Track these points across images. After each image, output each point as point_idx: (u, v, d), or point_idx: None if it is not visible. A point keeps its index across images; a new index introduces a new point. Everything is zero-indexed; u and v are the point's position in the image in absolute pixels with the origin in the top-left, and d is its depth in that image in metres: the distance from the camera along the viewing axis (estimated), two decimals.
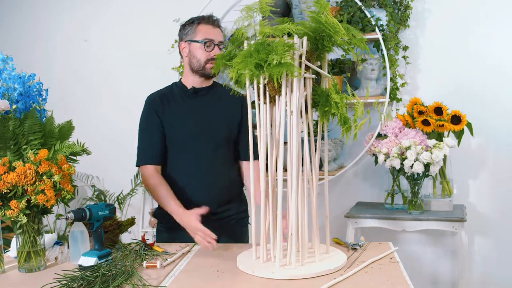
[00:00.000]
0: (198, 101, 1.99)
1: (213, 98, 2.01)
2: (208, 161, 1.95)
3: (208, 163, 1.95)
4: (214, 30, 1.96)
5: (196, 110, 1.98)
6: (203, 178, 1.94)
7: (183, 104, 1.99)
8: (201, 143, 1.95)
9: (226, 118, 1.99)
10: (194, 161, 1.95)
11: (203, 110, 1.98)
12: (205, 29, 1.95)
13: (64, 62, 3.69)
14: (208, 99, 2.00)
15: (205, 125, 1.96)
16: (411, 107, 2.78)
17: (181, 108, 1.98)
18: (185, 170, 1.95)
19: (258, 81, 1.45)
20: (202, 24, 1.96)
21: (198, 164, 1.95)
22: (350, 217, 2.72)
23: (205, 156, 1.95)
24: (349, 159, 3.12)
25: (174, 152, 1.98)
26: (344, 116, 1.45)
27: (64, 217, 1.53)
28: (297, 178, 1.45)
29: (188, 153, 1.95)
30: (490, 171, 2.96)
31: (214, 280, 1.42)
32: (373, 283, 1.34)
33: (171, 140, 1.97)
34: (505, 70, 2.89)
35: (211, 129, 1.96)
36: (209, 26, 1.96)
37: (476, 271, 3.00)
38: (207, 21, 1.97)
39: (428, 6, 3.00)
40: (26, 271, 1.56)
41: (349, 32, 1.46)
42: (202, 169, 1.94)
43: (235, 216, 2.01)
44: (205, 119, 1.97)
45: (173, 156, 1.98)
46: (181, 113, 1.98)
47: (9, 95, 1.64)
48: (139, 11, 3.52)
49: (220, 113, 1.99)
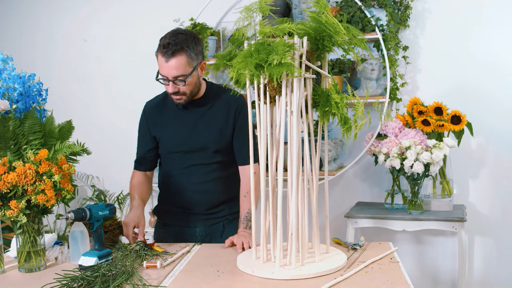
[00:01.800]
0: (189, 113, 1.93)
1: (204, 110, 1.92)
2: (198, 169, 1.94)
3: (199, 171, 1.94)
4: (167, 64, 1.74)
5: (187, 122, 1.92)
6: (194, 185, 1.95)
7: (174, 116, 1.95)
8: (191, 154, 1.93)
9: (218, 128, 1.91)
10: (185, 169, 1.95)
11: (194, 122, 1.92)
12: (159, 62, 1.77)
13: (64, 62, 3.68)
14: (199, 111, 1.92)
15: (195, 137, 1.91)
16: (411, 107, 2.78)
17: (172, 120, 1.95)
18: (177, 176, 1.97)
19: (258, 81, 1.45)
20: (158, 53, 1.76)
21: (188, 172, 1.95)
22: (350, 217, 2.72)
23: (195, 165, 1.94)
24: (349, 159, 3.12)
25: (166, 159, 2.01)
26: (344, 116, 1.45)
27: (64, 217, 1.53)
28: (297, 178, 1.45)
29: (178, 162, 1.96)
30: (490, 171, 2.96)
31: (214, 280, 1.42)
32: (373, 283, 1.34)
33: (163, 149, 1.99)
34: (505, 70, 2.89)
35: (201, 141, 1.91)
36: (162, 59, 1.75)
37: (476, 271, 3.00)
38: (160, 51, 1.75)
39: (428, 6, 3.00)
40: (26, 271, 1.56)
41: (350, 32, 1.46)
42: (193, 177, 1.94)
43: (228, 217, 2.00)
44: (195, 131, 1.91)
45: (166, 161, 2.01)
46: (171, 124, 1.94)
47: (9, 95, 1.64)
48: (139, 11, 3.52)
49: (211, 124, 1.91)
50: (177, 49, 1.72)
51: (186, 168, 1.94)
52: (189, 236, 1.97)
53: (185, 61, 1.75)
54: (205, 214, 1.97)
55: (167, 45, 1.73)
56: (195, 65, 1.79)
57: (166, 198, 2.05)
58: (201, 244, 1.82)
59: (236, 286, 1.36)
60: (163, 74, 1.77)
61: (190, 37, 1.78)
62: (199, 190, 1.94)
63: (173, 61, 1.73)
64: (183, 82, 1.78)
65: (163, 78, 1.78)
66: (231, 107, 1.92)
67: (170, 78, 1.76)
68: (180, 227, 1.99)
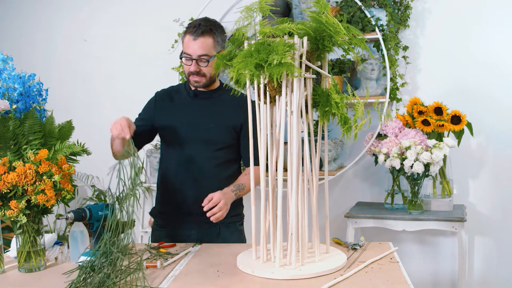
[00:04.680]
0: (197, 104, 1.98)
1: (214, 102, 1.98)
2: (198, 165, 1.95)
3: (199, 167, 1.95)
4: (194, 42, 1.84)
5: (193, 112, 1.97)
6: (193, 182, 1.95)
7: (183, 105, 2.00)
8: (192, 144, 1.94)
9: (225, 123, 1.95)
10: (184, 164, 1.96)
11: (201, 113, 1.97)
12: (186, 41, 1.87)
13: (64, 62, 3.68)
14: (208, 103, 1.98)
15: (200, 128, 1.94)
16: (411, 107, 2.78)
17: (182, 106, 1.99)
18: (176, 172, 1.98)
19: (258, 81, 1.45)
20: (186, 34, 1.87)
21: (188, 167, 1.95)
22: (350, 217, 2.72)
23: (195, 159, 1.95)
24: (349, 159, 3.12)
25: (167, 154, 2.02)
26: (344, 116, 1.45)
27: (64, 217, 1.54)
28: (297, 178, 1.45)
29: (179, 155, 1.97)
30: (490, 171, 2.96)
31: (214, 280, 1.42)
32: (373, 283, 1.34)
33: (163, 136, 2.02)
34: (505, 70, 2.89)
35: (204, 132, 1.94)
36: (190, 37, 1.85)
37: (476, 271, 3.00)
38: (189, 31, 1.86)
39: (428, 6, 3.00)
40: (26, 271, 1.56)
41: (350, 32, 1.46)
42: (192, 173, 1.95)
43: (225, 220, 1.96)
44: (201, 122, 1.95)
45: (167, 156, 2.02)
46: (181, 110, 1.99)
47: (9, 95, 1.64)
48: (139, 11, 3.52)
49: (218, 117, 1.95)
50: (206, 30, 1.85)
51: (186, 163, 1.95)
52: (185, 238, 1.95)
53: (211, 42, 1.86)
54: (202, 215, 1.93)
55: (197, 25, 1.85)
56: (219, 50, 1.87)
57: (165, 197, 2.04)
58: (201, 244, 1.82)
59: (236, 286, 1.37)
60: (188, 53, 1.86)
61: (218, 25, 1.92)
62: (197, 187, 1.93)
63: (201, 40, 1.84)
64: (206, 62, 1.86)
65: (187, 57, 1.87)
66: (243, 105, 1.91)
67: (194, 56, 1.85)
68: (176, 229, 1.98)
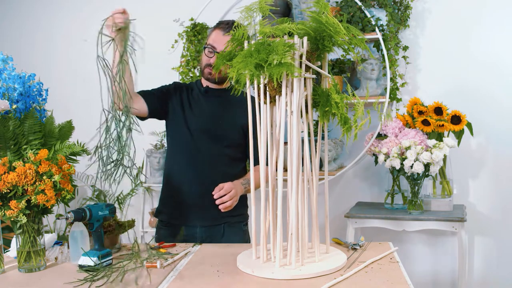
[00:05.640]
0: (207, 101, 2.04)
1: (224, 100, 2.03)
2: (205, 159, 1.99)
3: (205, 161, 1.99)
4: (223, 37, 1.92)
5: (204, 107, 2.03)
6: (198, 176, 1.98)
7: (194, 100, 2.05)
8: (201, 138, 1.99)
9: (234, 121, 2.00)
10: (191, 157, 1.99)
11: (211, 109, 2.02)
12: (214, 35, 1.97)
13: (64, 62, 3.68)
14: (218, 101, 2.04)
15: (210, 123, 2.00)
16: (411, 107, 2.78)
17: (192, 102, 2.05)
18: (182, 166, 2.01)
19: (258, 81, 1.45)
20: (216, 29, 1.97)
21: (194, 161, 1.99)
22: (350, 217, 2.72)
23: (202, 153, 1.99)
24: (349, 159, 3.12)
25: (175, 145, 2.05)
26: (344, 116, 1.45)
27: (64, 217, 1.53)
28: (297, 178, 1.45)
29: (186, 145, 2.01)
30: (490, 171, 2.96)
31: (214, 280, 1.42)
32: (373, 283, 1.34)
33: (170, 129, 2.06)
34: (505, 70, 2.89)
35: (214, 127, 2.00)
36: (220, 32, 1.95)
37: (476, 271, 3.00)
38: (221, 26, 1.96)
39: (428, 6, 3.01)
40: (26, 271, 1.56)
41: (350, 32, 1.46)
42: (198, 166, 1.99)
43: (230, 220, 2.00)
44: (211, 117, 2.01)
45: (174, 149, 2.05)
46: (195, 101, 2.04)
47: (9, 95, 1.64)
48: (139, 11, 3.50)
49: (227, 116, 2.01)
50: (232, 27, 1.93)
51: (194, 157, 1.98)
52: (189, 237, 1.97)
53: None
54: (206, 211, 1.96)
55: (230, 24, 1.94)
56: None
57: (170, 192, 2.05)
58: (201, 244, 1.83)
59: (236, 286, 1.36)
60: (213, 45, 1.95)
61: None
62: (202, 181, 1.96)
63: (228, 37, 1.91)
64: None
65: (211, 50, 1.95)
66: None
67: (218, 50, 1.92)
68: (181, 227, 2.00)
